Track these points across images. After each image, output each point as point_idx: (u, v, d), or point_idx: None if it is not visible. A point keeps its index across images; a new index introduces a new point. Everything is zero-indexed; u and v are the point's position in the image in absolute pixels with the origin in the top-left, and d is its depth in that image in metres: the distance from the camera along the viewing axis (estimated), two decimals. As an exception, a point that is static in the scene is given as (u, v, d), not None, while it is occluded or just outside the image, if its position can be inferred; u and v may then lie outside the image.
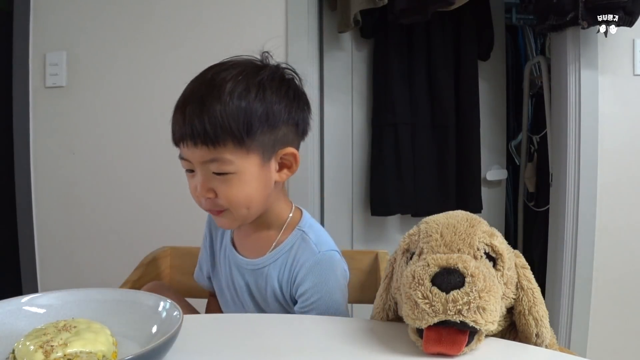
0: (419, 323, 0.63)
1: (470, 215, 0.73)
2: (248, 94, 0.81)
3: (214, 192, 0.82)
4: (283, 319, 0.82)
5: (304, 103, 0.89)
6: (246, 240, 0.94)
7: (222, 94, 0.80)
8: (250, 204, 0.84)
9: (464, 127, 2.01)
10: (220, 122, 0.78)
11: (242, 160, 0.81)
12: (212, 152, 0.79)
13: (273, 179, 0.86)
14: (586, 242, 1.75)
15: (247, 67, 0.85)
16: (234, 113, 0.79)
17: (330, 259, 0.89)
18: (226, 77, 0.81)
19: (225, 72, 0.83)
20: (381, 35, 1.98)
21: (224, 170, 0.80)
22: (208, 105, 0.79)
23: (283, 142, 0.85)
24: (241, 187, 0.81)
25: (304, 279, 0.87)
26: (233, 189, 0.81)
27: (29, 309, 0.68)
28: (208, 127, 0.78)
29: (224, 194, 0.81)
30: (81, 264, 1.92)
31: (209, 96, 0.80)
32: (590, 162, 1.73)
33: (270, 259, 0.90)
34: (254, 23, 1.79)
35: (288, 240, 0.90)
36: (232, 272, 0.94)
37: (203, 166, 0.81)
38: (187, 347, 0.64)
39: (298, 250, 0.89)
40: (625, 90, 1.74)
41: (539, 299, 0.71)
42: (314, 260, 0.87)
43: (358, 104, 2.05)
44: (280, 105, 0.83)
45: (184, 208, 1.82)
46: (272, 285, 0.89)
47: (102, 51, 1.87)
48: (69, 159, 1.90)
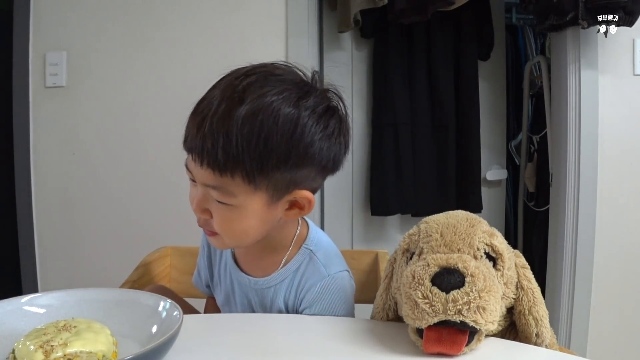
0: (419, 323, 0.63)
1: (470, 215, 0.73)
2: (276, 126, 0.68)
3: (210, 214, 0.74)
4: (283, 319, 0.82)
5: (343, 141, 0.76)
6: (250, 257, 0.87)
7: (247, 117, 0.67)
8: (245, 237, 0.77)
9: (464, 127, 2.01)
10: (235, 151, 0.67)
11: (246, 197, 0.71)
12: (217, 180, 0.70)
13: (278, 217, 0.77)
14: (586, 242, 1.74)
15: (289, 89, 0.71)
16: (252, 144, 0.67)
17: (340, 282, 0.82)
18: (260, 97, 0.68)
19: (261, 89, 0.69)
20: (381, 35, 1.98)
21: (225, 201, 0.71)
22: (227, 126, 0.67)
23: (301, 183, 0.73)
24: (238, 221, 0.73)
25: (312, 304, 0.81)
26: (229, 221, 0.73)
27: (29, 309, 0.68)
28: (219, 153, 0.67)
29: (218, 222, 0.74)
30: (81, 264, 1.92)
31: (231, 115, 0.67)
32: (590, 162, 1.73)
33: (276, 279, 0.84)
34: (254, 23, 1.79)
35: (295, 260, 0.83)
36: (234, 288, 0.89)
37: (205, 186, 0.72)
38: (187, 347, 0.64)
39: (305, 271, 0.82)
40: (625, 90, 1.74)
41: (539, 299, 0.71)
42: (322, 285, 0.81)
43: (358, 104, 2.05)
44: (313, 146, 0.71)
45: (184, 208, 1.81)
46: (278, 305, 0.84)
47: (102, 51, 1.87)
48: (69, 159, 1.90)
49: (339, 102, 0.77)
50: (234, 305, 0.90)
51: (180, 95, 1.81)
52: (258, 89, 0.69)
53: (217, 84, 0.73)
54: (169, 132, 1.83)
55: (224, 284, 0.91)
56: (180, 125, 0.90)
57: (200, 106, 0.72)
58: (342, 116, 0.76)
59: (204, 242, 0.97)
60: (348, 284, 0.84)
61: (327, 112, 0.73)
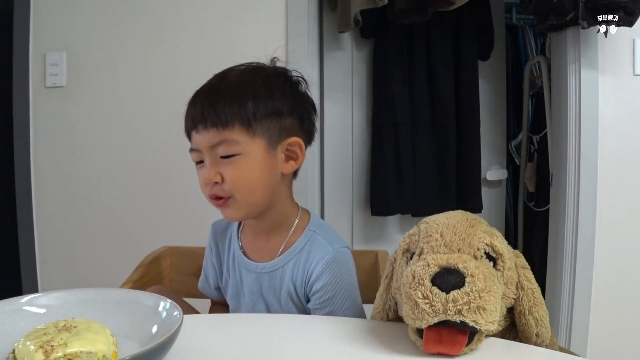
0: (419, 323, 0.63)
1: (470, 215, 0.73)
2: (255, 83, 0.87)
3: (221, 177, 0.84)
4: (283, 319, 0.83)
5: (308, 102, 0.94)
6: (255, 244, 0.95)
7: (231, 82, 0.87)
8: (255, 189, 0.86)
9: (464, 127, 2.01)
10: (229, 105, 0.84)
11: (248, 142, 0.84)
12: (221, 134, 0.83)
13: (279, 169, 0.88)
14: (586, 242, 1.74)
15: (254, 65, 0.92)
16: (241, 98, 0.85)
17: (344, 255, 0.91)
18: (234, 70, 0.91)
19: (235, 69, 0.91)
20: (381, 35, 1.98)
21: (231, 151, 0.83)
22: (218, 92, 0.86)
23: (289, 131, 0.88)
24: (246, 170, 0.84)
25: (320, 276, 0.88)
26: (238, 171, 0.84)
27: (29, 309, 0.68)
28: (219, 110, 0.83)
29: (229, 176, 0.84)
30: (81, 264, 1.92)
31: (219, 85, 0.88)
32: (590, 162, 1.73)
33: (282, 261, 0.91)
34: (254, 23, 1.79)
35: (299, 241, 0.91)
36: (243, 277, 0.95)
37: (211, 151, 0.84)
38: (187, 347, 0.64)
39: (311, 249, 0.90)
40: (625, 90, 1.74)
41: (539, 299, 0.71)
42: (329, 257, 0.88)
43: (358, 104, 2.05)
44: (285, 96, 0.89)
45: (184, 208, 1.83)
46: (287, 286, 0.91)
47: (102, 51, 1.87)
48: (69, 159, 1.90)
49: (300, 78, 0.94)
50: (242, 296, 0.95)
51: (180, 95, 1.81)
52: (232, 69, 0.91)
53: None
54: (169, 132, 1.84)
55: (233, 277, 0.97)
56: (180, 125, 0.91)
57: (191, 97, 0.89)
58: (303, 86, 0.94)
59: (211, 244, 1.02)
60: (350, 258, 0.92)
61: (288, 78, 0.92)
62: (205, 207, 0.93)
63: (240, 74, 0.89)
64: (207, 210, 0.97)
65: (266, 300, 0.93)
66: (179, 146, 1.82)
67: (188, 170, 1.77)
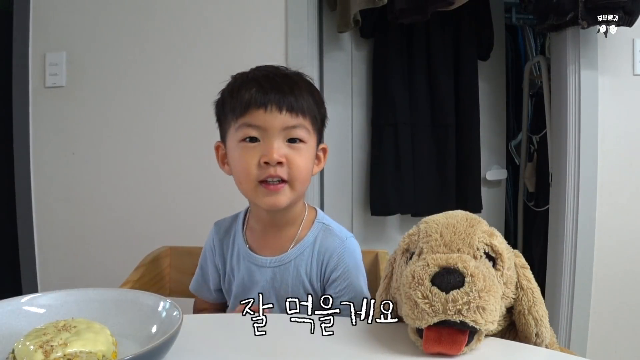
0: (419, 323, 0.63)
1: (470, 215, 0.73)
2: (314, 86, 0.95)
3: (285, 159, 0.87)
4: (283, 319, 0.83)
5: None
6: (264, 240, 0.97)
7: (298, 77, 0.93)
8: (306, 180, 0.91)
9: (464, 127, 2.01)
10: (306, 97, 0.90)
11: (312, 136, 0.91)
12: (297, 119, 0.88)
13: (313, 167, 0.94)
14: (586, 242, 1.74)
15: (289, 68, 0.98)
16: (314, 93, 0.93)
17: (354, 244, 0.96)
18: (280, 66, 0.95)
19: (280, 66, 0.95)
20: (381, 35, 1.98)
21: (302, 137, 0.89)
22: (294, 82, 0.91)
23: (322, 137, 0.97)
24: (307, 159, 0.90)
25: (337, 266, 0.92)
26: (302, 159, 0.89)
27: (29, 309, 0.68)
28: (299, 97, 0.88)
29: (293, 160, 0.88)
30: (81, 264, 1.91)
31: (289, 75, 0.92)
32: (590, 162, 1.73)
33: (295, 253, 0.94)
34: (254, 23, 1.79)
35: (310, 234, 0.95)
36: (252, 274, 0.96)
37: (280, 133, 0.87)
38: (187, 347, 0.64)
39: (323, 240, 0.95)
40: (625, 90, 1.74)
41: (539, 299, 0.71)
42: (344, 246, 0.94)
43: (358, 104, 2.05)
44: (325, 106, 0.97)
45: (185, 208, 1.83)
46: (301, 278, 0.93)
47: (102, 51, 1.87)
48: (69, 159, 1.90)
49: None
50: (249, 292, 0.96)
51: (180, 95, 1.82)
52: (278, 66, 0.95)
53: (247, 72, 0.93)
54: (169, 131, 1.84)
55: (238, 276, 0.97)
56: (180, 124, 0.91)
57: (249, 77, 0.91)
58: None
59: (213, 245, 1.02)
60: (358, 247, 0.98)
61: None
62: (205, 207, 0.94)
63: (293, 72, 0.94)
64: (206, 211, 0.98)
65: (277, 293, 0.94)
66: (179, 146, 1.83)
67: (188, 170, 1.78)
